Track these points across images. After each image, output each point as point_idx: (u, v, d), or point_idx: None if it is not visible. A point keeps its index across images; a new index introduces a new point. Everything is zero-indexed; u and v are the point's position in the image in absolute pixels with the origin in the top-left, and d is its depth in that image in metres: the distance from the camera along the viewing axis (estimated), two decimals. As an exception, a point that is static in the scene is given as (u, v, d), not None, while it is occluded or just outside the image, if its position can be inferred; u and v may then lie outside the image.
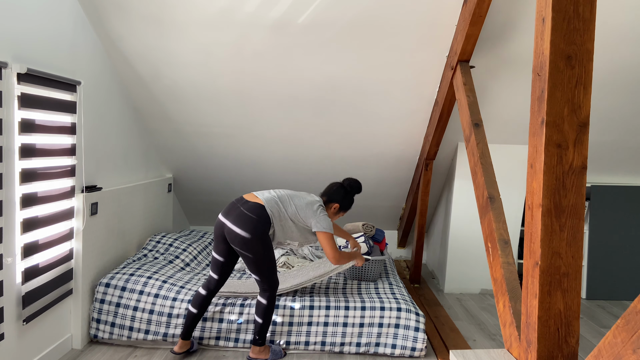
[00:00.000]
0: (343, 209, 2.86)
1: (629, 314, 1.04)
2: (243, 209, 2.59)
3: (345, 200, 2.83)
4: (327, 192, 2.85)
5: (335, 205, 2.82)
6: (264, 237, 2.57)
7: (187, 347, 2.80)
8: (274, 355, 2.79)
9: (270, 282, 2.65)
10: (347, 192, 2.84)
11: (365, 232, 3.56)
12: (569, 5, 1.44)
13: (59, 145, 2.62)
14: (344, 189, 2.84)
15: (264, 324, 2.68)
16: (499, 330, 3.46)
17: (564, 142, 1.48)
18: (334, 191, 2.83)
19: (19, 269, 2.36)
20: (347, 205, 2.86)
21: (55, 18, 2.58)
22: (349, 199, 2.85)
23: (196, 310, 2.73)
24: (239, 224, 2.54)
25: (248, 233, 2.52)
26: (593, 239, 4.22)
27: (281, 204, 2.67)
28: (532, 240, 1.55)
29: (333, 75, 3.27)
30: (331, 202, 2.82)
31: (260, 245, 2.55)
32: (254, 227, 2.53)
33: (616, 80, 3.24)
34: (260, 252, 2.56)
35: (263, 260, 2.58)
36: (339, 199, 2.82)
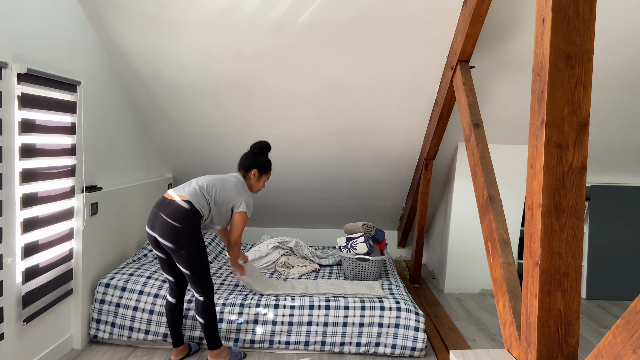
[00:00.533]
0: (262, 171, 2.86)
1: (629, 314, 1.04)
2: (164, 215, 2.50)
3: (259, 163, 2.83)
4: (241, 163, 2.86)
5: (254, 172, 2.83)
6: (196, 233, 2.52)
7: (184, 353, 2.80)
8: (233, 357, 2.76)
9: (203, 283, 2.58)
10: (257, 154, 2.85)
11: (365, 232, 3.56)
12: (569, 5, 1.44)
13: (59, 145, 2.62)
14: (253, 154, 2.85)
15: (208, 327, 2.63)
16: (499, 330, 3.47)
17: (564, 142, 1.48)
18: (243, 160, 2.85)
19: (19, 269, 2.36)
20: (264, 167, 2.86)
21: (55, 18, 2.58)
22: (262, 160, 2.85)
23: (172, 317, 2.73)
24: (165, 236, 2.47)
25: (173, 244, 2.47)
26: (593, 239, 4.22)
27: (206, 192, 2.63)
28: (532, 240, 1.55)
29: (333, 75, 3.27)
30: (248, 170, 2.83)
31: (192, 242, 2.50)
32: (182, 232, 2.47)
33: (616, 80, 3.24)
34: (193, 255, 2.51)
35: (196, 264, 2.53)
36: (253, 164, 2.83)
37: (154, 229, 2.52)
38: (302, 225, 5.16)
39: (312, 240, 5.20)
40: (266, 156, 2.88)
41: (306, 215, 4.97)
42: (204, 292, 2.59)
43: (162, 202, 2.57)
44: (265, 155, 2.88)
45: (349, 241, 3.50)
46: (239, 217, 2.67)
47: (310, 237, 5.20)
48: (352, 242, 3.48)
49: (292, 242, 4.00)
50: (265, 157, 2.87)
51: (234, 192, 2.69)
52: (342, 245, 3.55)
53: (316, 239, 5.21)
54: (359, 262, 3.40)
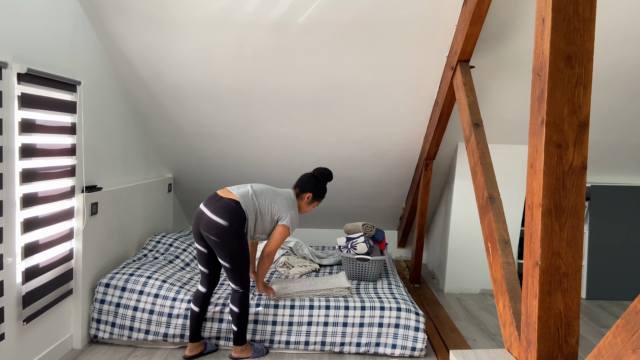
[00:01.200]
0: (316, 198, 2.94)
1: (629, 314, 1.04)
2: (211, 211, 2.60)
3: (316, 189, 2.91)
4: (299, 183, 2.93)
5: (309, 195, 2.90)
6: (240, 230, 2.59)
7: (199, 350, 2.81)
8: (256, 354, 2.80)
9: (242, 278, 2.66)
10: (318, 180, 2.92)
11: (365, 232, 3.56)
12: (569, 5, 1.44)
13: (59, 145, 2.62)
14: (314, 178, 2.92)
15: (240, 325, 2.71)
16: (499, 330, 3.47)
17: (564, 142, 1.48)
18: (305, 181, 2.92)
19: (19, 269, 2.36)
20: (319, 193, 2.93)
21: (55, 18, 2.58)
22: (321, 187, 2.93)
23: (198, 309, 2.75)
24: (219, 213, 2.57)
25: (226, 221, 2.54)
26: (593, 239, 4.22)
27: (256, 198, 2.71)
28: (532, 240, 1.55)
29: (333, 75, 3.27)
30: (304, 192, 2.90)
31: (235, 237, 2.57)
32: (232, 217, 2.56)
33: (616, 80, 3.24)
34: (236, 244, 2.58)
35: (237, 253, 2.59)
36: (311, 188, 2.90)
37: (199, 223, 2.61)
38: (302, 225, 5.17)
39: (312, 240, 5.20)
40: (325, 184, 2.96)
41: (306, 215, 4.97)
42: (241, 286, 2.67)
43: (212, 198, 2.68)
44: (325, 183, 2.96)
45: (349, 241, 3.50)
46: (281, 230, 2.73)
47: (310, 237, 5.20)
48: (352, 242, 3.48)
49: (292, 242, 4.00)
50: (323, 185, 2.95)
51: (283, 206, 2.76)
52: (342, 245, 3.55)
53: (316, 239, 5.21)
54: (359, 262, 3.40)
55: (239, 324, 2.71)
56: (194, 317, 2.76)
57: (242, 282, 2.67)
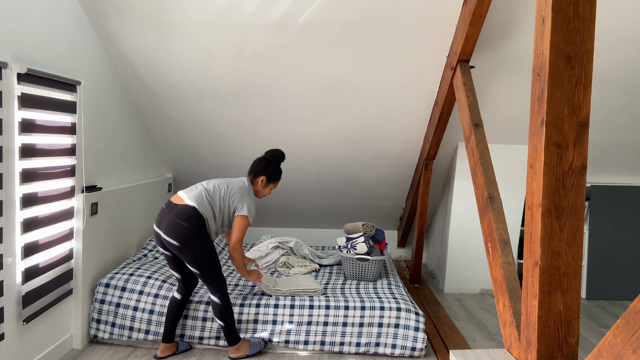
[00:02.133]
0: (271, 180, 2.87)
1: (629, 314, 1.04)
2: (173, 214, 2.57)
3: (269, 171, 2.84)
4: (251, 168, 2.87)
5: (262, 178, 2.84)
6: (201, 238, 2.56)
7: (171, 351, 2.81)
8: (253, 348, 2.80)
9: (215, 281, 2.64)
10: (270, 162, 2.86)
11: (365, 232, 3.56)
12: (569, 5, 1.44)
13: (59, 145, 2.62)
14: (265, 161, 2.86)
15: (227, 325, 2.70)
16: (499, 330, 3.46)
17: (564, 142, 1.48)
18: (256, 165, 2.86)
19: (19, 269, 2.36)
20: (273, 175, 2.86)
21: (55, 18, 2.58)
22: (273, 168, 2.86)
23: (174, 312, 2.77)
24: (170, 234, 2.54)
25: (179, 242, 2.53)
26: (593, 239, 4.22)
27: (210, 197, 2.67)
28: (532, 240, 1.55)
29: (333, 75, 3.27)
30: (257, 176, 2.84)
31: (197, 247, 2.55)
32: (187, 233, 2.53)
33: (616, 80, 3.24)
34: (200, 254, 2.56)
35: (204, 262, 2.58)
36: (263, 171, 2.83)
37: (160, 226, 2.60)
38: (302, 225, 5.16)
39: (312, 240, 5.20)
40: (278, 165, 2.90)
41: (306, 215, 4.97)
42: (216, 289, 2.66)
43: (169, 205, 2.66)
44: (277, 164, 2.89)
45: (349, 241, 3.50)
46: (239, 221, 2.68)
47: (310, 237, 5.20)
48: (352, 242, 3.48)
49: (292, 242, 4.00)
50: (277, 166, 2.88)
51: (238, 196, 2.71)
52: (342, 245, 3.55)
53: (316, 239, 5.21)
54: (359, 262, 3.40)
55: (224, 322, 2.70)
56: (168, 320, 2.77)
57: (216, 285, 2.65)
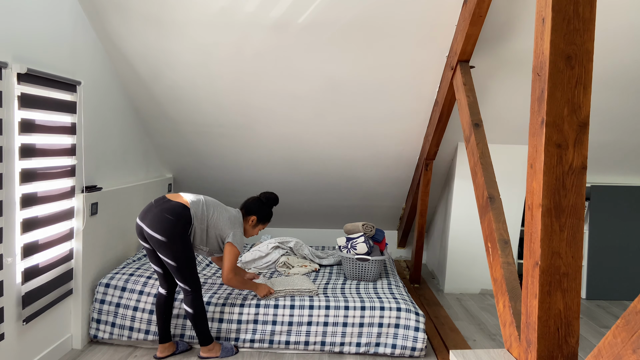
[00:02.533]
0: (260, 221, 2.92)
1: (629, 314, 1.04)
2: (161, 209, 2.57)
3: (261, 212, 2.90)
4: (245, 205, 2.92)
5: (253, 218, 2.89)
6: (182, 236, 2.56)
7: (170, 351, 2.80)
8: (225, 353, 2.80)
9: (190, 280, 2.63)
10: (263, 204, 2.92)
11: (365, 232, 3.56)
12: (569, 5, 1.44)
13: (59, 145, 2.62)
14: (259, 201, 2.92)
15: (199, 325, 2.69)
16: (499, 330, 3.47)
17: (564, 142, 1.48)
18: (249, 203, 2.91)
19: (19, 269, 2.36)
20: (264, 217, 2.92)
21: (55, 18, 2.58)
22: (266, 210, 2.92)
23: (162, 311, 2.75)
24: (154, 228, 2.53)
25: (164, 236, 2.52)
26: (593, 239, 4.22)
27: (206, 209, 2.69)
28: (532, 240, 1.55)
29: (333, 75, 3.27)
30: (249, 214, 2.89)
31: (177, 244, 2.54)
32: (172, 229, 2.52)
33: (616, 80, 3.24)
34: (179, 252, 2.55)
35: (182, 260, 2.57)
36: (255, 210, 2.89)
37: (144, 219, 2.59)
38: (302, 225, 5.16)
39: (312, 240, 5.20)
40: (270, 208, 2.95)
41: (306, 215, 4.97)
42: (190, 287, 2.64)
43: (161, 199, 2.66)
44: (270, 207, 2.94)
45: (349, 241, 3.50)
46: (229, 249, 2.68)
47: (310, 237, 5.20)
48: (352, 242, 3.48)
49: (292, 242, 4.00)
50: (269, 209, 2.93)
51: (228, 223, 2.72)
52: (342, 245, 3.55)
53: (316, 239, 5.21)
54: (359, 262, 3.40)
55: (196, 325, 2.68)
56: (159, 318, 2.76)
57: (191, 285, 2.64)
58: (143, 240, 2.65)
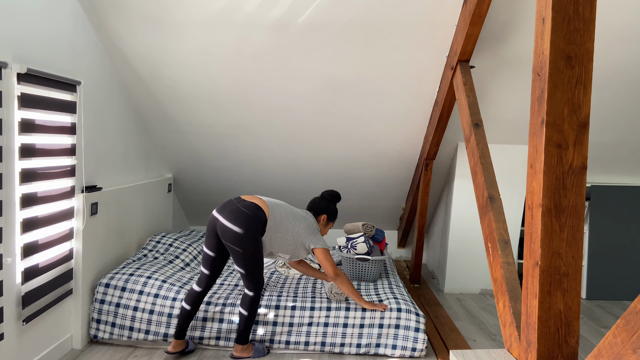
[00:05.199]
0: (330, 218, 3.01)
1: (629, 314, 1.04)
2: (241, 205, 2.64)
3: (329, 210, 2.98)
4: (313, 206, 3.00)
5: (323, 217, 2.97)
6: (256, 235, 2.61)
7: (181, 347, 2.80)
8: (256, 354, 2.81)
9: (255, 280, 2.68)
10: (329, 202, 3.01)
11: (365, 232, 3.56)
12: (569, 5, 1.44)
13: (59, 145, 2.62)
14: (325, 200, 3.01)
15: (247, 322, 2.73)
16: (499, 330, 3.46)
17: (564, 142, 1.48)
18: (317, 203, 3.00)
19: (18, 269, 2.36)
20: (332, 214, 3.01)
21: (55, 18, 2.58)
22: (332, 208, 3.01)
23: (189, 307, 2.75)
24: (232, 219, 2.59)
25: (241, 228, 2.56)
26: (593, 239, 4.22)
27: (283, 212, 2.76)
28: (532, 240, 1.55)
29: (333, 75, 3.27)
30: (318, 214, 2.98)
31: (251, 242, 2.58)
32: (248, 223, 2.58)
33: (616, 80, 3.24)
34: (250, 248, 2.59)
35: (252, 257, 2.61)
36: (324, 209, 2.97)
37: (222, 212, 2.64)
38: (302, 225, 5.16)
39: (312, 240, 5.19)
40: (335, 205, 3.04)
41: (306, 215, 4.96)
42: (255, 288, 2.69)
43: (238, 198, 2.73)
44: (335, 203, 3.03)
45: (349, 241, 3.50)
46: (321, 253, 2.76)
47: (310, 237, 5.19)
48: (352, 242, 3.48)
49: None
50: (335, 206, 3.02)
51: (308, 230, 2.80)
52: (342, 245, 3.55)
53: (316, 239, 5.20)
54: (359, 262, 3.40)
55: (245, 325, 2.73)
56: (184, 315, 2.76)
57: (256, 285, 2.69)
58: (212, 236, 2.68)
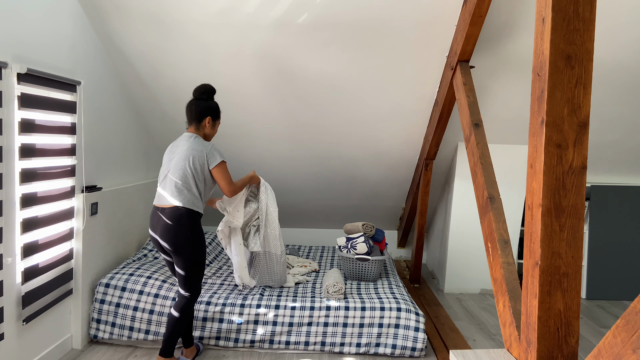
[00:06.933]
0: (216, 117, 2.67)
1: (629, 314, 1.04)
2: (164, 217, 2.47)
3: (210, 108, 2.63)
4: (191, 117, 2.63)
5: (208, 119, 2.62)
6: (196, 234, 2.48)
7: (193, 354, 2.79)
8: None
9: (193, 287, 2.55)
10: (205, 100, 2.63)
11: (365, 232, 3.56)
12: (569, 5, 1.44)
13: (59, 145, 2.62)
14: (201, 101, 2.62)
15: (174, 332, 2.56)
16: (499, 330, 3.46)
17: (564, 142, 1.48)
18: (194, 109, 2.61)
19: (19, 269, 2.36)
20: (215, 111, 2.66)
21: (55, 18, 2.58)
22: (213, 105, 2.65)
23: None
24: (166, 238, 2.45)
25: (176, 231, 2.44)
26: (593, 239, 4.22)
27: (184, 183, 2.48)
28: (532, 240, 1.55)
29: (333, 75, 3.27)
30: (201, 119, 2.62)
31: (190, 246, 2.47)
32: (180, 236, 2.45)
33: (616, 80, 3.24)
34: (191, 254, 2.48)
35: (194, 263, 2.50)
36: (204, 110, 2.61)
37: (155, 230, 2.50)
38: (302, 225, 5.16)
39: (312, 240, 5.20)
40: (213, 100, 2.69)
41: (306, 215, 4.97)
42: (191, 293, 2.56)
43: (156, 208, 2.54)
44: (212, 99, 2.68)
45: (349, 241, 3.50)
46: (218, 171, 2.54)
47: (310, 237, 5.20)
48: (352, 242, 3.48)
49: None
50: (214, 102, 2.67)
51: (198, 153, 2.50)
52: (342, 245, 3.55)
53: (316, 239, 5.21)
54: (359, 262, 3.40)
55: (172, 332, 2.55)
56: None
57: (193, 289, 2.55)
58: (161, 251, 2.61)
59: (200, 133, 2.65)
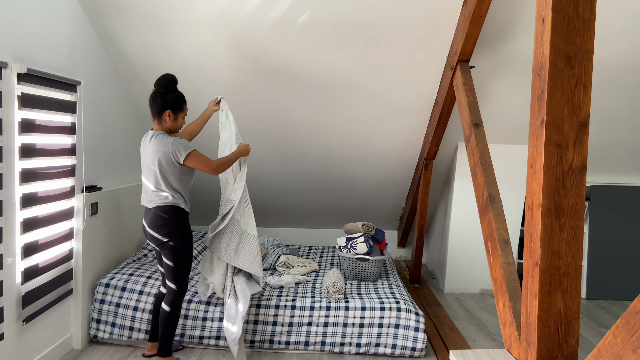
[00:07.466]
0: (177, 109, 2.54)
1: (629, 314, 1.04)
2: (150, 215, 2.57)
3: (169, 102, 2.50)
4: (152, 111, 2.55)
5: (167, 113, 2.50)
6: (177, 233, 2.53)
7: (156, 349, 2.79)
8: None
9: (181, 280, 2.58)
10: (164, 93, 2.51)
11: (365, 232, 3.56)
12: (569, 5, 1.44)
13: (59, 145, 2.62)
14: (159, 94, 2.51)
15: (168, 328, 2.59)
16: (499, 330, 3.46)
17: (564, 142, 1.48)
18: (152, 104, 2.52)
19: (19, 269, 2.36)
20: (176, 103, 2.53)
21: (55, 18, 2.58)
22: (172, 97, 2.52)
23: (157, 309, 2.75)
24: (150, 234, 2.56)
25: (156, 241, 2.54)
26: (593, 239, 4.22)
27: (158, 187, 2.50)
28: (532, 240, 1.55)
29: (333, 75, 3.27)
30: (161, 114, 2.51)
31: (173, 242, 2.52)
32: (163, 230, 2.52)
33: (616, 80, 3.24)
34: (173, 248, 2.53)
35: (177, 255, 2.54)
36: (163, 104, 2.50)
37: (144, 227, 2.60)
38: (302, 225, 5.16)
39: (312, 240, 5.20)
40: (175, 91, 2.55)
41: (306, 215, 4.97)
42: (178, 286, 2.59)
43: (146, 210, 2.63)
44: (173, 91, 2.54)
45: (349, 241, 3.50)
46: (191, 160, 2.47)
47: (310, 237, 5.20)
48: (352, 242, 3.48)
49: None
50: (174, 93, 2.53)
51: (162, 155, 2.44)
52: (342, 245, 3.55)
53: (316, 239, 5.20)
54: (359, 262, 3.40)
55: (166, 328, 2.57)
56: (155, 317, 2.75)
57: (181, 283, 2.59)
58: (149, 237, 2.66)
59: (163, 128, 2.55)
